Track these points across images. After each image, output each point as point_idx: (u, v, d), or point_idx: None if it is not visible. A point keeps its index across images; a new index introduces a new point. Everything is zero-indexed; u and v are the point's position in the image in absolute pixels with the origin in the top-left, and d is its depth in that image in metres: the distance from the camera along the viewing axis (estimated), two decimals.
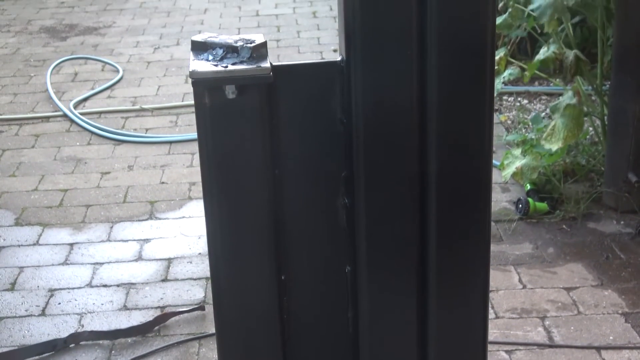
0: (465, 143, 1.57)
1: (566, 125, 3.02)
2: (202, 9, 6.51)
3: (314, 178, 1.65)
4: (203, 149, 1.56)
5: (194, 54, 1.54)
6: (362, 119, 1.54)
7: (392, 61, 1.50)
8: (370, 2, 1.48)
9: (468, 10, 1.49)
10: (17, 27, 6.23)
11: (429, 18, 1.48)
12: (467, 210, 1.61)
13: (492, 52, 1.54)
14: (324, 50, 5.36)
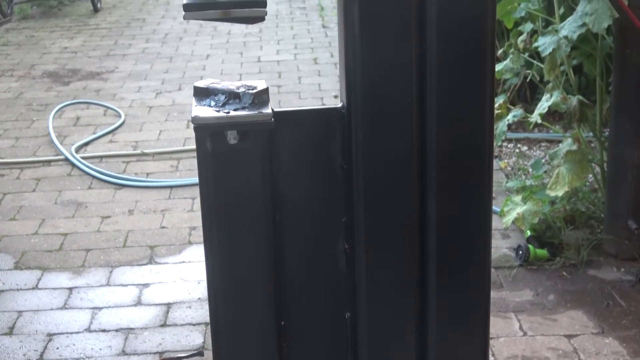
0: (465, 190, 1.58)
1: (571, 170, 3.03)
2: (204, 55, 6.57)
3: (314, 223, 1.66)
4: (204, 193, 1.57)
5: (196, 100, 1.56)
6: (362, 165, 1.55)
7: (392, 108, 1.52)
8: (371, 49, 1.49)
9: (467, 58, 1.51)
10: (21, 71, 6.28)
11: (429, 66, 1.50)
12: (467, 256, 1.61)
13: (491, 98, 1.55)
14: (325, 97, 5.39)
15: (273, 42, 6.86)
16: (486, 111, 1.54)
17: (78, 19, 8.13)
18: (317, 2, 8.26)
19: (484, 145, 1.55)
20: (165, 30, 7.51)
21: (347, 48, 1.53)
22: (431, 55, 1.50)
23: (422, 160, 1.54)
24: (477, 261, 1.62)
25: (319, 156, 1.62)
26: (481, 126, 1.54)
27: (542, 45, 2.93)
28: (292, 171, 1.60)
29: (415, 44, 1.49)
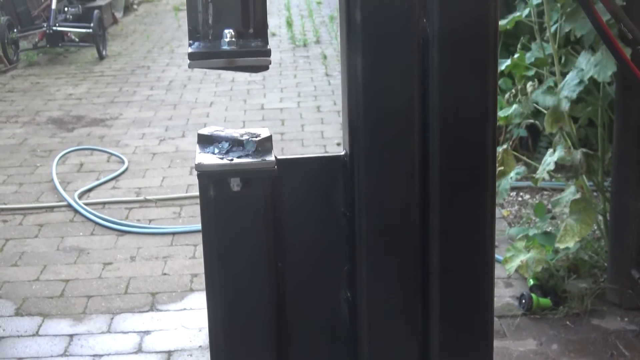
0: (467, 238, 1.57)
1: (578, 220, 3.02)
2: (208, 102, 6.61)
3: (317, 271, 1.65)
4: (206, 240, 1.57)
5: (200, 147, 1.57)
6: (365, 213, 1.55)
7: (395, 156, 1.52)
8: (374, 98, 1.50)
9: (469, 105, 1.52)
10: (26, 117, 6.32)
11: (431, 115, 1.51)
12: (470, 305, 1.60)
13: (493, 145, 1.56)
14: (328, 144, 5.42)
15: (276, 90, 6.91)
16: (489, 159, 1.55)
17: (83, 66, 8.21)
18: (320, 51, 8.34)
19: (485, 195, 1.56)
20: (170, 77, 7.57)
21: (350, 96, 1.54)
22: (433, 103, 1.51)
23: (424, 209, 1.54)
24: (480, 309, 1.61)
25: (321, 204, 1.62)
26: (484, 174, 1.55)
27: (543, 104, 2.96)
28: (295, 218, 1.61)
29: (417, 92, 1.50)
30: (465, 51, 1.50)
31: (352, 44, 1.50)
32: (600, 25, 1.86)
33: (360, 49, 1.49)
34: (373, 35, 1.48)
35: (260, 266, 1.58)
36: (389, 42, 1.49)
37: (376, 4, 1.47)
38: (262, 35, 1.47)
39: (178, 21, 10.70)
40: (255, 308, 1.60)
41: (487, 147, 1.54)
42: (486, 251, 1.59)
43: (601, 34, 1.92)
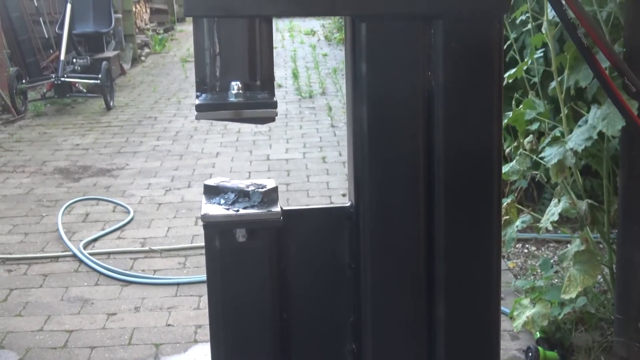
0: (473, 289, 1.57)
1: (581, 270, 3.01)
2: (214, 153, 6.64)
3: (322, 322, 1.65)
4: (212, 291, 1.56)
5: (206, 198, 1.57)
6: (370, 264, 1.55)
7: (400, 207, 1.53)
8: (379, 149, 1.51)
9: (473, 162, 1.53)
10: (32, 167, 6.34)
11: (436, 167, 1.51)
12: (476, 358, 1.59)
13: (498, 196, 1.56)
14: (333, 195, 5.42)
15: (282, 141, 6.94)
16: (494, 210, 1.55)
17: (91, 116, 8.26)
18: (326, 103, 8.39)
19: (491, 245, 1.56)
20: (176, 128, 7.61)
21: (356, 147, 1.55)
22: (438, 155, 1.52)
23: (429, 262, 1.54)
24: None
25: (327, 255, 1.62)
26: (489, 225, 1.55)
27: (549, 156, 2.97)
28: (300, 269, 1.61)
29: (422, 144, 1.52)
30: (470, 103, 1.51)
31: (358, 95, 1.52)
32: (604, 78, 1.88)
33: (365, 101, 1.50)
34: (378, 87, 1.50)
35: (265, 317, 1.58)
36: (394, 94, 1.50)
37: (381, 57, 1.49)
38: (269, 87, 1.49)
39: (185, 72, 10.80)
40: (260, 359, 1.59)
41: (492, 198, 1.54)
42: (492, 303, 1.59)
43: (605, 86, 1.94)
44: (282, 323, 1.59)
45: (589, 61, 1.84)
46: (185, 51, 12.87)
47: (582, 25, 1.73)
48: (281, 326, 1.59)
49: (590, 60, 1.83)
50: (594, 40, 1.81)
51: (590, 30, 1.75)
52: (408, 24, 1.48)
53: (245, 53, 1.46)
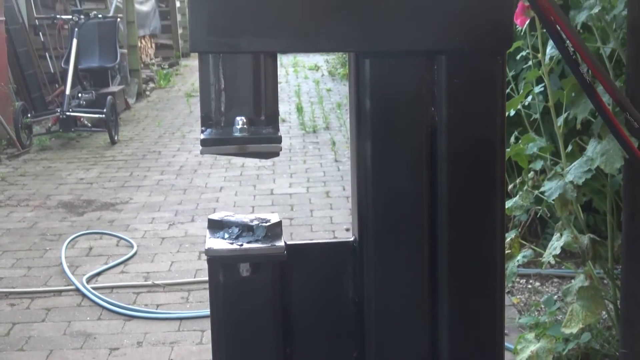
0: (476, 326, 1.57)
1: (584, 307, 3.00)
2: (218, 187, 6.66)
3: (325, 357, 1.64)
4: (215, 325, 1.56)
5: (210, 232, 1.58)
6: (374, 300, 1.55)
7: (404, 243, 1.53)
8: (383, 184, 1.52)
9: (477, 193, 1.53)
10: (36, 201, 6.36)
11: (440, 202, 1.52)
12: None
13: (501, 232, 1.56)
14: (337, 230, 5.42)
15: (286, 176, 6.96)
16: (497, 246, 1.55)
17: (95, 150, 8.30)
18: (330, 137, 8.42)
19: (494, 282, 1.56)
20: (180, 162, 7.64)
21: (359, 182, 1.56)
22: (442, 191, 1.52)
23: (433, 297, 1.54)
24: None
25: (330, 289, 1.62)
26: (492, 262, 1.55)
27: (549, 190, 2.97)
28: (303, 304, 1.61)
29: (426, 180, 1.52)
30: (473, 139, 1.52)
31: (362, 130, 1.53)
32: (606, 113, 1.89)
33: (369, 136, 1.51)
34: (382, 123, 1.51)
35: (268, 352, 1.57)
36: (397, 129, 1.51)
37: (385, 92, 1.50)
38: (274, 122, 1.50)
39: (190, 107, 10.86)
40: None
41: (495, 234, 1.55)
42: (496, 340, 1.58)
43: (606, 121, 1.95)
44: (286, 357, 1.58)
45: (591, 97, 1.85)
46: (189, 86, 12.95)
47: (585, 61, 1.75)
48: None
49: (593, 96, 1.84)
50: (596, 77, 1.83)
51: (592, 66, 1.76)
52: (411, 60, 1.49)
53: (250, 88, 1.47)
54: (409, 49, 1.49)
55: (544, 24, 1.71)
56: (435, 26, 1.48)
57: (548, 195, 2.99)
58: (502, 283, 1.58)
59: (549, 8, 1.64)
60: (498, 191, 1.54)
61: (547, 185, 3.04)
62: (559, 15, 1.67)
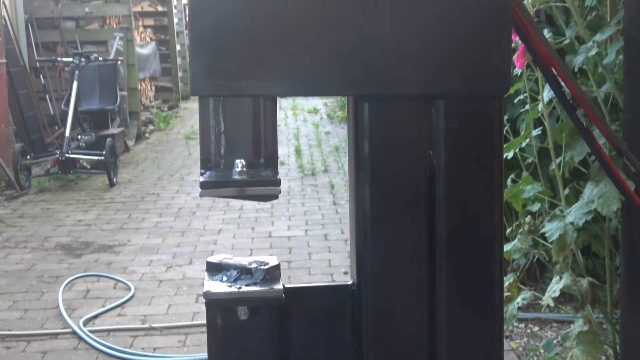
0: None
1: (584, 351, 2.98)
2: (216, 230, 6.65)
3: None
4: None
5: (208, 275, 1.58)
6: (372, 343, 1.54)
7: (402, 286, 1.53)
8: (381, 226, 1.52)
9: (475, 239, 1.53)
10: (34, 243, 6.34)
11: (439, 246, 1.52)
12: None
13: (500, 276, 1.56)
14: (335, 273, 5.40)
15: (284, 218, 6.95)
16: (496, 289, 1.55)
17: (94, 192, 8.30)
18: (328, 180, 8.44)
19: (493, 326, 1.55)
20: (179, 204, 7.64)
21: (358, 225, 1.56)
22: (440, 234, 1.52)
23: (432, 341, 1.54)
24: None
25: (329, 333, 1.62)
26: (491, 305, 1.55)
27: (549, 231, 2.97)
28: (302, 347, 1.60)
29: (424, 223, 1.53)
30: (471, 183, 1.53)
31: (360, 173, 1.54)
32: (603, 158, 1.90)
33: (368, 179, 1.52)
34: (381, 166, 1.51)
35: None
36: (396, 172, 1.52)
37: (384, 136, 1.51)
38: (273, 165, 1.51)
39: (189, 149, 10.89)
40: None
41: (494, 278, 1.55)
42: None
43: (604, 166, 1.96)
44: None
45: (588, 141, 1.86)
46: (189, 128, 13.00)
47: (581, 105, 1.76)
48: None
49: (590, 140, 1.85)
50: (592, 121, 1.84)
51: (589, 110, 1.77)
52: (410, 104, 1.51)
53: (249, 131, 1.48)
54: (407, 93, 1.50)
55: (541, 69, 1.73)
56: (434, 71, 1.50)
57: (548, 236, 2.99)
58: (500, 327, 1.57)
59: (545, 53, 1.66)
60: (496, 234, 1.55)
61: (547, 226, 3.04)
62: (555, 60, 1.69)
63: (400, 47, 1.48)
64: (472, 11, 1.49)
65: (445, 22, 1.49)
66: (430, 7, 1.48)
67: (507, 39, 1.53)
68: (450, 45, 1.49)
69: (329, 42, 1.46)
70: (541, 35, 1.66)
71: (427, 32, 1.48)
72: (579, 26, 2.88)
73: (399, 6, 1.47)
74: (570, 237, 2.92)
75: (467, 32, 1.49)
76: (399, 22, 1.47)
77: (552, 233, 2.96)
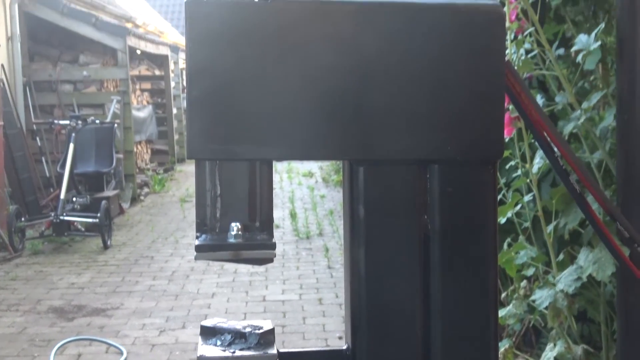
0: None
1: None
2: (210, 293, 6.61)
3: None
4: None
5: (202, 339, 1.57)
6: None
7: (397, 351, 1.52)
8: (376, 291, 1.52)
9: (471, 302, 1.53)
10: (26, 306, 6.29)
11: (433, 310, 1.52)
12: None
13: (495, 341, 1.56)
14: (329, 338, 5.36)
15: (279, 282, 6.92)
16: (491, 357, 1.54)
17: (87, 255, 8.27)
18: (323, 244, 8.42)
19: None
20: (173, 268, 7.61)
21: (353, 289, 1.56)
22: (435, 299, 1.52)
23: None
24: None
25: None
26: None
27: (539, 299, 2.97)
28: None
29: (419, 287, 1.53)
30: (466, 247, 1.53)
31: (355, 237, 1.54)
32: (597, 224, 1.90)
33: (363, 243, 1.52)
34: (376, 230, 1.52)
35: None
36: (391, 236, 1.52)
37: (379, 200, 1.52)
38: (268, 229, 1.51)
39: (183, 212, 10.88)
40: None
41: (489, 344, 1.54)
42: None
43: (598, 232, 1.96)
44: None
45: (581, 207, 1.87)
46: (184, 191, 13.01)
47: (574, 171, 1.78)
48: None
49: (583, 206, 1.86)
50: (586, 187, 1.85)
51: (582, 176, 1.79)
52: (405, 168, 1.52)
53: (245, 195, 1.49)
54: (402, 158, 1.52)
55: (534, 135, 1.75)
56: (428, 136, 1.51)
57: (538, 304, 2.99)
58: None
59: (538, 120, 1.68)
60: (491, 299, 1.55)
61: (537, 293, 3.04)
62: (548, 126, 1.71)
63: (395, 112, 1.49)
64: (466, 77, 1.51)
65: (439, 88, 1.51)
66: (424, 73, 1.50)
67: (500, 105, 1.55)
68: (444, 110, 1.51)
69: (325, 108, 1.47)
70: (534, 101, 1.68)
71: (421, 98, 1.50)
72: (569, 94, 2.92)
73: (393, 73, 1.49)
74: (561, 304, 2.92)
75: (461, 98, 1.51)
76: (393, 88, 1.49)
77: (542, 301, 2.95)
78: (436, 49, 1.50)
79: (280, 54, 1.45)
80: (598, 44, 2.74)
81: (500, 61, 1.53)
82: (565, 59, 3.39)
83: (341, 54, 1.47)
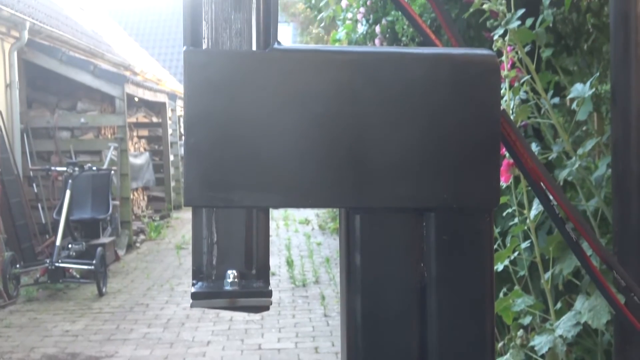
0: None
1: None
2: (205, 341, 6.56)
3: None
4: None
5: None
6: None
7: None
8: (373, 339, 1.52)
9: (468, 349, 1.52)
10: (20, 354, 6.24)
11: (430, 358, 1.51)
12: None
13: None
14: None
15: (274, 330, 6.88)
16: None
17: (82, 302, 8.22)
18: (319, 292, 8.39)
19: None
20: (168, 315, 7.56)
21: (349, 338, 1.55)
22: (432, 348, 1.52)
23: None
24: None
25: None
26: None
27: (539, 345, 2.96)
28: None
29: (416, 336, 1.52)
30: (463, 296, 1.53)
31: (352, 285, 1.54)
32: (593, 272, 1.90)
33: (359, 291, 1.52)
34: (372, 278, 1.52)
35: None
36: (387, 285, 1.52)
37: (375, 248, 1.52)
38: (264, 276, 1.51)
39: (179, 259, 10.85)
40: None
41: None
42: None
43: (594, 280, 1.96)
44: None
45: (577, 255, 1.87)
46: (180, 238, 12.98)
47: (570, 219, 1.78)
48: None
49: (579, 253, 1.86)
50: (582, 235, 1.86)
51: (577, 224, 1.79)
52: (401, 216, 1.52)
53: (242, 242, 1.49)
54: (398, 206, 1.52)
55: (529, 183, 1.75)
56: (424, 184, 1.52)
57: (537, 350, 2.97)
58: None
59: (533, 167, 1.69)
60: (488, 348, 1.54)
61: (536, 339, 3.02)
62: (543, 174, 1.72)
63: (391, 161, 1.50)
64: (462, 126, 1.53)
65: (435, 136, 1.52)
66: (421, 122, 1.52)
67: (496, 153, 1.56)
68: (440, 159, 1.52)
69: (322, 156, 1.48)
70: (529, 149, 1.69)
71: (418, 147, 1.51)
72: (565, 142, 2.94)
73: (389, 121, 1.50)
74: (560, 350, 2.90)
75: (457, 147, 1.52)
76: (390, 136, 1.50)
77: (542, 347, 2.94)
78: (432, 98, 1.51)
79: (278, 103, 1.47)
80: (592, 92, 2.77)
81: (496, 110, 1.54)
82: (560, 107, 3.42)
83: (338, 102, 1.48)
